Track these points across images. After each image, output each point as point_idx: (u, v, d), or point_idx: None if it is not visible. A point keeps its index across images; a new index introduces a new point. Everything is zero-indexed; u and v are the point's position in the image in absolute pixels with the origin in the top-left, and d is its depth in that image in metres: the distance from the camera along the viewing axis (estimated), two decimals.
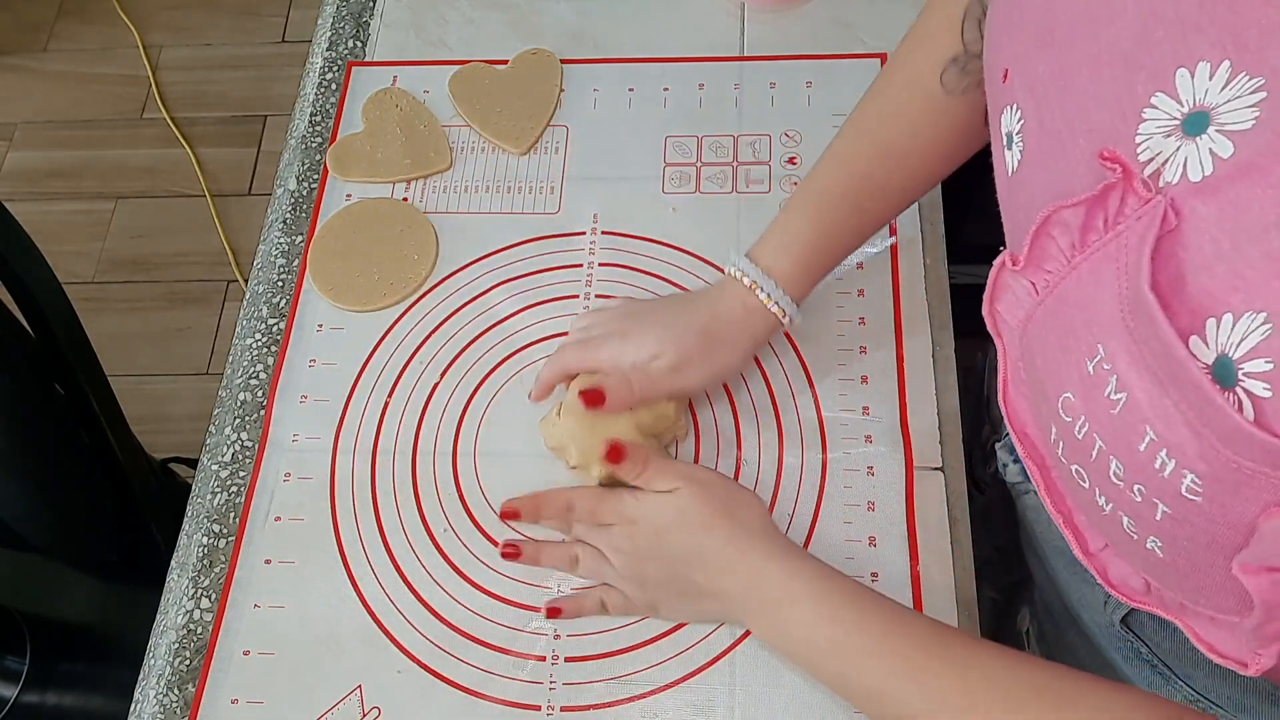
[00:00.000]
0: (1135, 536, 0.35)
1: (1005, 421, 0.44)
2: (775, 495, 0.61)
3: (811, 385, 0.64)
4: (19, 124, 1.86)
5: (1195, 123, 0.30)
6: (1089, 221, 0.33)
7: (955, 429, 0.62)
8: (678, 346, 0.57)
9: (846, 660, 0.49)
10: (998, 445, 0.63)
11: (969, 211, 0.74)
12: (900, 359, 0.64)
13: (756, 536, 0.53)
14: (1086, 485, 0.37)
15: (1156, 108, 0.31)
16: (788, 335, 0.65)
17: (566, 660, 0.57)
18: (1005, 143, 0.39)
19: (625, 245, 0.70)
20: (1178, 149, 0.30)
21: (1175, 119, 0.30)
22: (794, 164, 0.71)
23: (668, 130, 0.74)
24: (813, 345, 0.65)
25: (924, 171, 0.57)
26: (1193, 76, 0.30)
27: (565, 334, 0.67)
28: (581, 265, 0.69)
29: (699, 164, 0.72)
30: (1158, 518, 0.33)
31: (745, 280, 0.58)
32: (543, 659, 0.57)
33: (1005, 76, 0.39)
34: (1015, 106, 0.38)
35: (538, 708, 0.56)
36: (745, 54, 0.77)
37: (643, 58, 0.77)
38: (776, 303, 0.58)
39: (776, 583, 0.52)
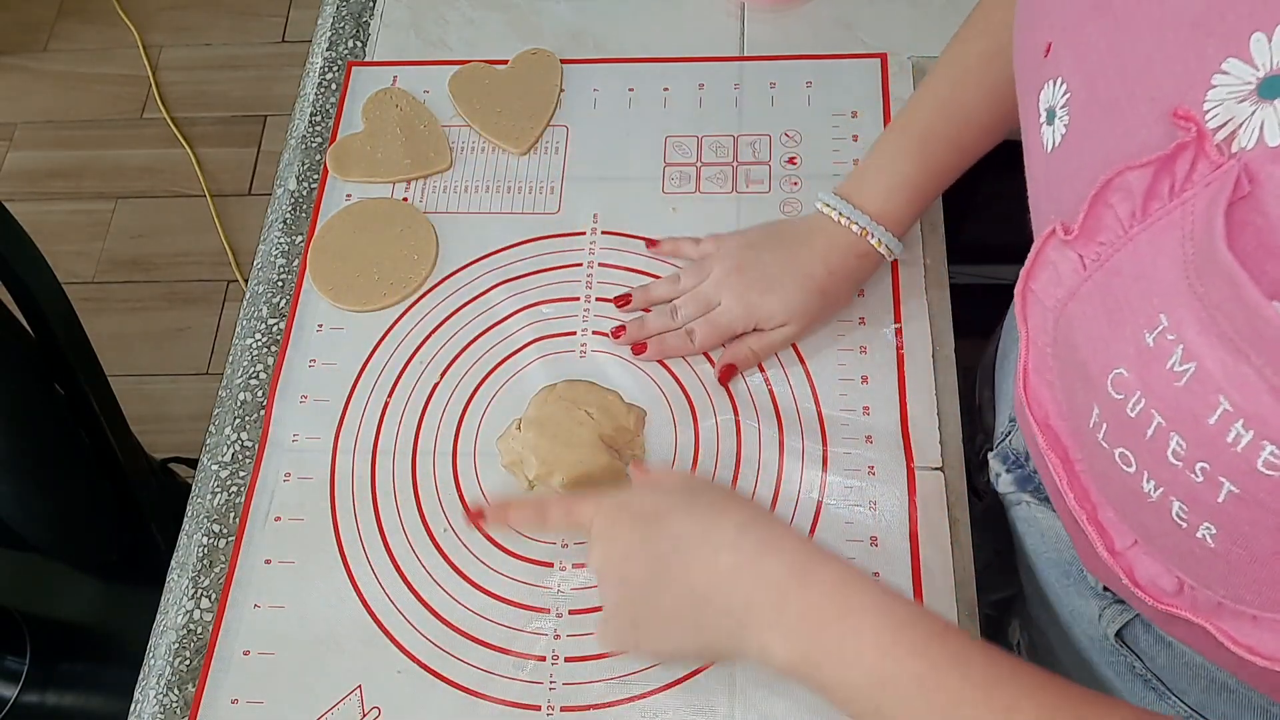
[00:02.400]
0: (1185, 525, 0.34)
1: (1026, 413, 0.41)
2: (776, 495, 0.61)
3: (812, 385, 0.64)
4: (19, 124, 1.86)
5: (1273, 86, 0.29)
6: (1154, 188, 0.32)
7: (955, 429, 0.62)
8: (802, 316, 0.61)
9: (936, 708, 0.39)
10: (990, 455, 0.63)
11: (969, 211, 0.74)
12: (900, 359, 0.64)
13: (783, 528, 0.44)
14: (1132, 470, 0.35)
15: (1228, 73, 0.30)
16: None
17: (566, 660, 0.57)
18: (1045, 119, 0.38)
19: (625, 245, 0.70)
20: (1253, 113, 0.29)
21: (1250, 84, 0.29)
22: (794, 164, 0.71)
23: (668, 130, 0.74)
24: (813, 345, 0.65)
25: None
26: (1269, 40, 0.29)
27: (568, 334, 0.67)
28: (581, 265, 0.69)
29: (699, 164, 0.72)
30: (1220, 499, 0.31)
31: (854, 228, 0.60)
32: (543, 659, 0.57)
33: (1048, 50, 0.38)
34: (1059, 80, 0.37)
35: (538, 708, 0.56)
36: (745, 54, 0.77)
37: (643, 58, 0.77)
38: (887, 245, 0.61)
39: (825, 591, 0.42)
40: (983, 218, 0.83)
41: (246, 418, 0.66)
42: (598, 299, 0.68)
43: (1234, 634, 0.35)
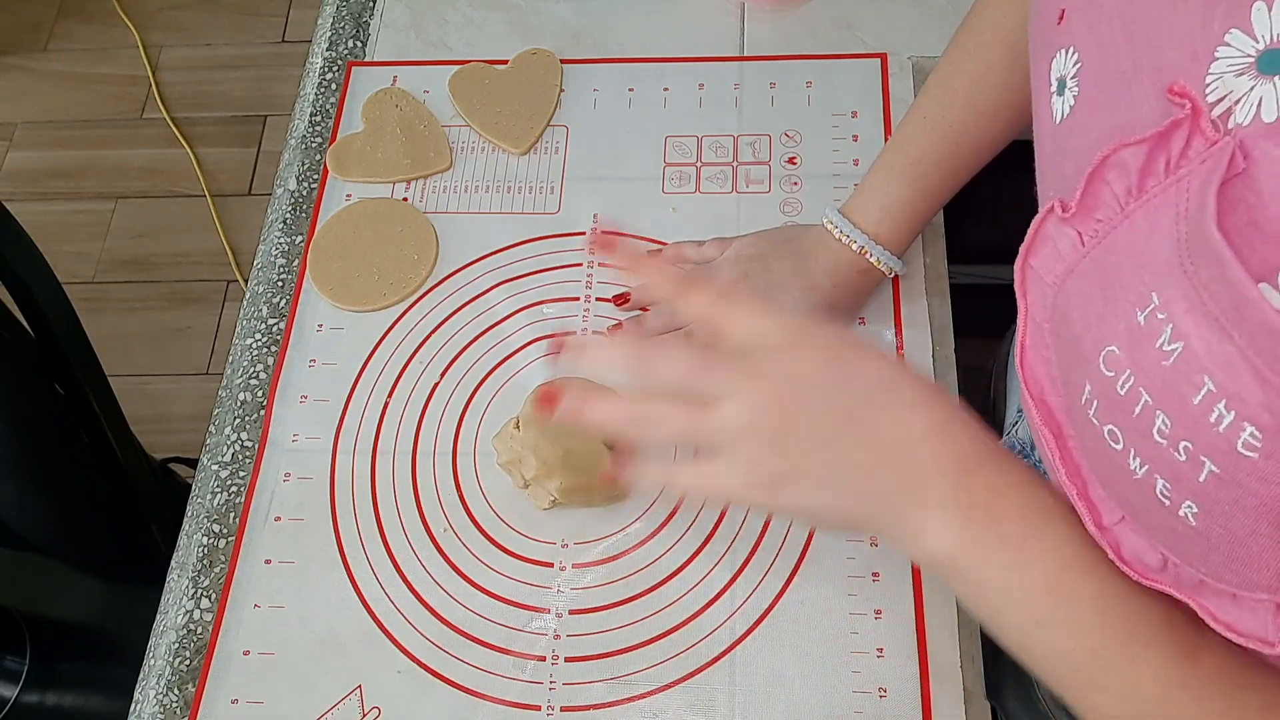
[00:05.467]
0: (1168, 502, 0.33)
1: (1024, 389, 0.41)
2: None
3: None
4: (19, 124, 1.85)
5: (1272, 61, 0.28)
6: (1149, 165, 0.31)
7: None
8: None
9: (1110, 635, 0.37)
10: None
11: (969, 211, 0.74)
12: (900, 359, 0.64)
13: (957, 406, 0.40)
14: (1120, 446, 0.35)
15: (1230, 45, 0.29)
16: None
17: (567, 660, 0.57)
18: (1055, 89, 0.38)
19: (625, 245, 0.70)
20: (1251, 88, 0.28)
21: (1250, 56, 0.29)
22: (794, 164, 0.71)
23: (668, 130, 0.74)
24: None
25: (1018, 122, 0.58)
26: (1270, 10, 0.28)
27: (568, 334, 0.67)
28: (581, 265, 0.69)
29: (699, 164, 0.72)
30: (1201, 479, 0.31)
31: (854, 246, 0.61)
32: (543, 659, 0.57)
33: (1061, 17, 0.37)
34: (1071, 50, 0.36)
35: (538, 708, 0.56)
36: (745, 54, 0.77)
37: (643, 58, 0.77)
38: (886, 264, 0.62)
39: (1013, 481, 0.39)
40: (983, 218, 0.83)
41: (246, 418, 0.66)
42: (598, 299, 0.68)
43: (1215, 611, 0.35)
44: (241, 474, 0.64)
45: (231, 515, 0.63)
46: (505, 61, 0.78)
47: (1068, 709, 0.41)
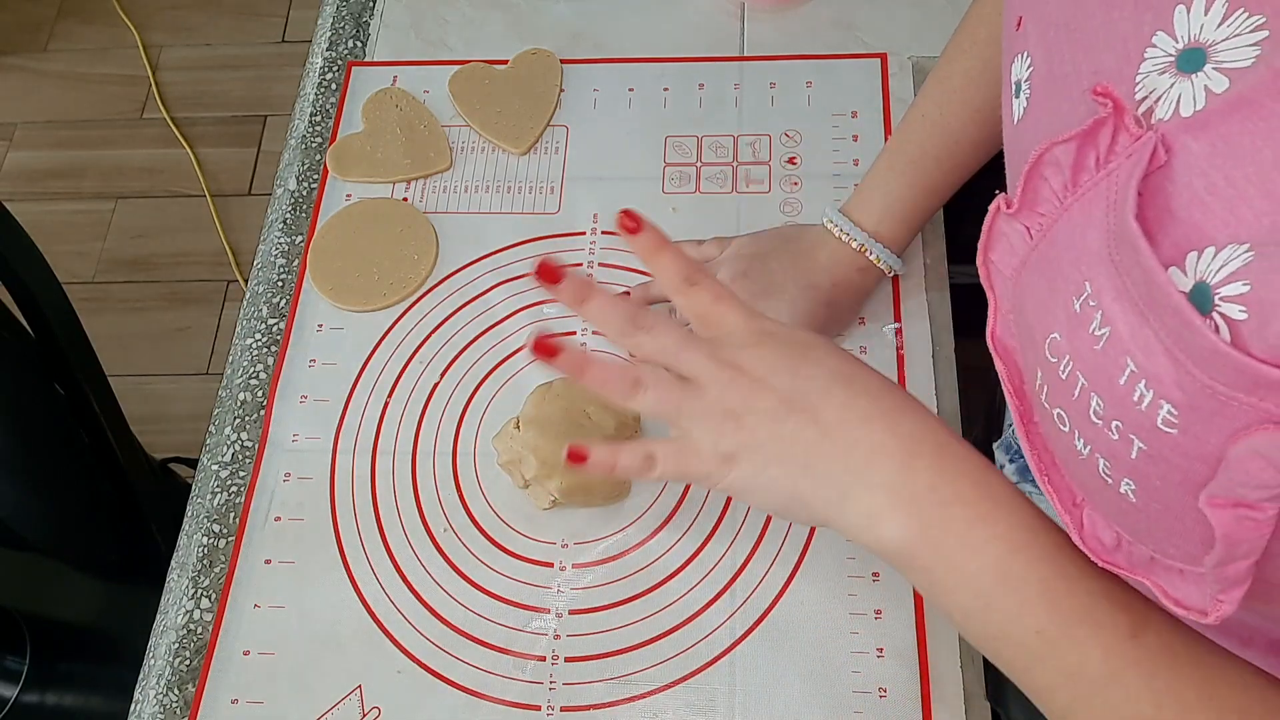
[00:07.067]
0: (1110, 480, 0.35)
1: (994, 359, 0.41)
2: None
3: None
4: (19, 124, 1.85)
5: (1190, 59, 0.30)
6: (1080, 160, 0.33)
7: (955, 429, 0.62)
8: (807, 325, 0.61)
9: (1058, 617, 0.37)
10: (995, 446, 0.63)
11: (969, 211, 0.74)
12: (900, 359, 0.64)
13: (919, 402, 0.41)
14: (1067, 429, 0.36)
15: (1155, 46, 0.31)
16: None
17: (567, 660, 0.57)
18: (1014, 91, 0.40)
19: (625, 245, 0.70)
20: (1171, 86, 0.31)
21: (1171, 56, 0.31)
22: (794, 164, 0.71)
23: (668, 130, 0.74)
24: None
25: None
26: (1189, 12, 0.30)
27: (568, 334, 0.67)
28: (581, 265, 0.69)
29: (699, 164, 0.72)
30: (1133, 455, 0.32)
31: (854, 244, 0.61)
32: (543, 659, 0.57)
33: (1019, 24, 0.39)
34: (1026, 54, 0.38)
35: (538, 708, 0.56)
36: (745, 54, 0.77)
37: (643, 58, 0.78)
38: (885, 262, 0.62)
39: (961, 468, 0.39)
40: (983, 217, 0.83)
41: (246, 418, 0.66)
42: None
43: (1166, 588, 0.36)
44: (241, 474, 0.64)
45: (231, 515, 0.63)
46: (505, 61, 0.78)
47: None
